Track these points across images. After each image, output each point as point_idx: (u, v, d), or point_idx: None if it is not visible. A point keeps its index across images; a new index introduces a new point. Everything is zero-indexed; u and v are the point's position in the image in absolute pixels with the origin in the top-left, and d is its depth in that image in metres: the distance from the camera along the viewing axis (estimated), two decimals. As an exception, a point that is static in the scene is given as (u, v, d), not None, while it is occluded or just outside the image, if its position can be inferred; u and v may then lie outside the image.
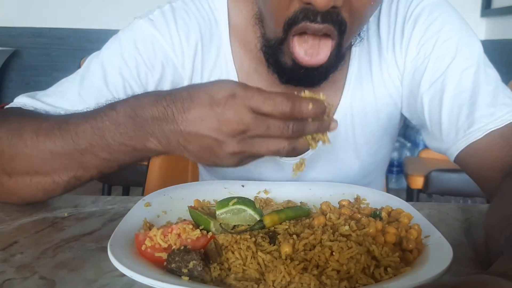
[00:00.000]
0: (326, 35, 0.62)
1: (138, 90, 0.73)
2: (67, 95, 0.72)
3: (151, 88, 0.75)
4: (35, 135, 0.61)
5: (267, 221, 0.53)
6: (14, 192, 0.65)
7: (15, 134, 0.62)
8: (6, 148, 0.62)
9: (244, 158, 0.53)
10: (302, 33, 0.62)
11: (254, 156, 0.53)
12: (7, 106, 0.72)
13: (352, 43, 0.72)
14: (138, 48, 0.74)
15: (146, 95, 0.56)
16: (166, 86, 0.76)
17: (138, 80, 0.74)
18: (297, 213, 0.57)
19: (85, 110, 0.61)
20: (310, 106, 0.50)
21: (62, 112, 0.67)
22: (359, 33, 0.70)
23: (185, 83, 0.77)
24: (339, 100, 0.76)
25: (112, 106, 0.57)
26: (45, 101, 0.71)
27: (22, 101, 0.71)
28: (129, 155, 0.58)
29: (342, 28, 0.61)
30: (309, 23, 0.60)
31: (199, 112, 0.51)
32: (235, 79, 0.76)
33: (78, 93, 0.72)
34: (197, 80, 0.77)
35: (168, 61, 0.75)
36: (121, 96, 0.70)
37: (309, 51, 0.63)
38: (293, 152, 0.52)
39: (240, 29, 0.76)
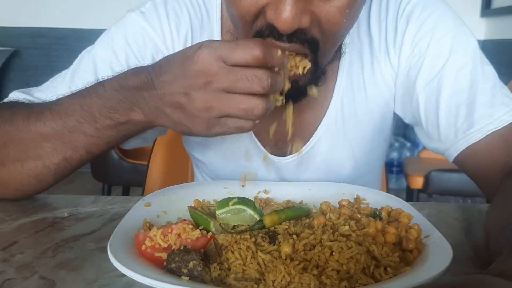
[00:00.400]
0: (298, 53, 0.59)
1: None
2: (58, 90, 0.73)
3: None
4: (27, 119, 0.63)
5: (267, 221, 0.53)
6: (7, 182, 0.66)
7: (7, 121, 0.65)
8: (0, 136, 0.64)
9: (213, 119, 0.52)
10: None
11: (224, 117, 0.52)
12: (1, 102, 0.73)
13: (333, 58, 0.69)
14: (128, 42, 0.75)
15: (132, 68, 0.59)
16: None
17: None
18: (297, 213, 0.57)
19: (78, 90, 0.63)
20: (280, 52, 0.50)
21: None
22: (340, 47, 0.69)
23: None
24: (329, 101, 0.76)
25: (100, 83, 0.61)
26: (37, 96, 0.73)
27: (15, 96, 0.73)
28: (115, 130, 0.60)
29: (314, 47, 0.58)
30: (275, 40, 0.57)
31: (172, 71, 0.52)
32: None
33: (68, 87, 0.73)
34: None
35: (158, 53, 0.76)
36: None
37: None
38: (265, 112, 0.51)
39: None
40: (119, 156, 2.04)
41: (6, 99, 0.73)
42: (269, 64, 0.50)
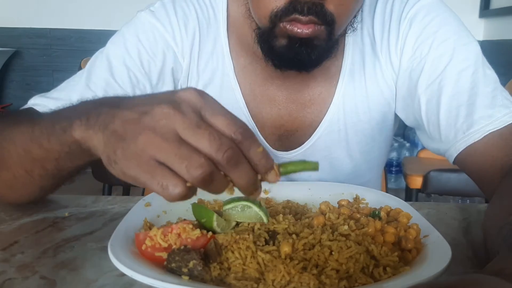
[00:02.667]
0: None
1: (142, 79, 0.76)
2: (76, 88, 0.74)
3: (154, 76, 0.77)
4: (11, 126, 0.61)
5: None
6: None
7: (4, 128, 0.63)
8: None
9: (148, 159, 0.40)
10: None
11: (155, 165, 0.40)
12: (21, 108, 0.73)
13: (346, 32, 0.74)
14: (140, 39, 0.77)
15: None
16: (168, 74, 0.79)
17: (141, 69, 0.76)
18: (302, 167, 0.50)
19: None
20: (261, 149, 0.42)
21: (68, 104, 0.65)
22: (352, 23, 0.72)
23: (183, 71, 0.79)
24: (332, 98, 0.77)
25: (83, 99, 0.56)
26: (54, 96, 0.74)
27: (33, 101, 0.74)
28: (61, 145, 0.53)
29: (328, 20, 0.63)
30: (297, 14, 0.62)
31: (149, 99, 0.44)
32: (231, 71, 0.78)
33: (86, 85, 0.74)
34: (193, 69, 0.79)
35: (168, 49, 0.77)
36: (127, 86, 0.75)
37: (301, 27, 0.64)
38: (205, 182, 0.41)
39: (238, 22, 0.78)
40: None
41: (25, 106, 0.74)
42: (244, 152, 0.42)
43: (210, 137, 0.40)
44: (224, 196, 0.59)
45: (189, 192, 0.41)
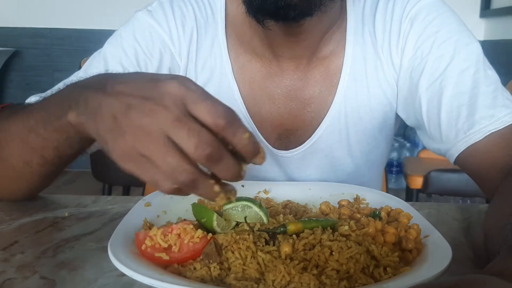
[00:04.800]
0: None
1: None
2: None
3: None
4: (6, 118, 0.61)
5: (291, 228, 0.50)
6: None
7: (0, 120, 0.63)
8: None
9: (135, 153, 0.41)
10: None
11: (144, 159, 0.41)
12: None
13: None
14: (136, 38, 0.77)
15: (107, 72, 0.53)
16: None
17: (137, 69, 0.76)
18: (322, 224, 0.52)
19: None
20: (247, 135, 0.41)
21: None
22: None
23: (181, 71, 0.79)
24: (333, 97, 0.77)
25: (69, 82, 0.56)
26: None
27: (29, 101, 0.73)
28: (58, 132, 0.54)
29: None
30: None
31: (130, 83, 0.45)
32: (229, 70, 0.77)
33: None
34: (191, 68, 0.79)
35: (165, 48, 0.78)
36: None
37: None
38: (190, 188, 0.41)
39: (237, 21, 0.78)
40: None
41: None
42: (228, 139, 0.41)
43: (188, 134, 0.39)
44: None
45: (180, 190, 0.41)
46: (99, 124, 0.44)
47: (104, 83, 0.46)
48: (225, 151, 0.41)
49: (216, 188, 0.41)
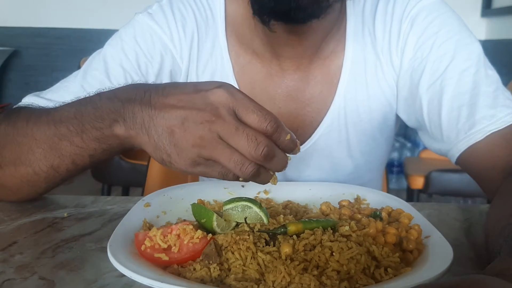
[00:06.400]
0: None
1: (139, 81, 0.75)
2: (70, 89, 0.74)
3: (151, 78, 0.77)
4: (26, 122, 0.63)
5: (291, 228, 0.50)
6: (3, 184, 0.66)
7: (10, 123, 0.65)
8: (1, 137, 0.64)
9: (199, 159, 0.49)
10: None
11: (211, 161, 0.50)
12: (15, 106, 0.73)
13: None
14: (137, 41, 0.77)
15: (136, 83, 0.58)
16: (166, 77, 0.79)
17: (138, 71, 0.76)
18: (323, 224, 0.53)
19: (81, 97, 0.62)
20: (289, 136, 0.49)
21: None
22: None
23: (182, 74, 0.79)
24: (333, 97, 0.77)
25: (99, 91, 0.59)
26: (49, 97, 0.73)
27: (28, 100, 0.73)
28: (98, 143, 0.58)
29: None
30: None
31: (177, 96, 0.50)
32: (230, 71, 0.78)
33: (80, 86, 0.74)
34: (193, 71, 0.79)
35: (166, 51, 0.77)
36: None
37: None
38: (254, 178, 0.50)
39: (237, 22, 0.78)
40: (119, 156, 2.04)
41: (19, 104, 0.73)
42: (274, 141, 0.49)
43: (248, 139, 0.47)
44: (224, 196, 0.59)
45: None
46: (156, 138, 0.50)
47: (148, 96, 0.51)
48: (277, 149, 0.49)
49: (271, 172, 0.52)
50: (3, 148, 0.64)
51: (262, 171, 0.50)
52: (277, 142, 0.49)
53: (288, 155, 0.52)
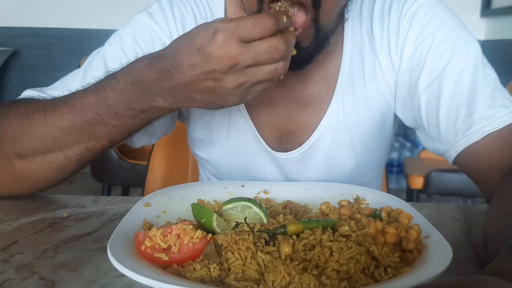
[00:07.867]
0: (300, 5, 0.62)
1: None
2: (70, 88, 0.74)
3: None
4: (43, 113, 0.65)
5: (291, 228, 0.50)
6: (27, 175, 0.67)
7: (23, 116, 0.66)
8: (17, 130, 0.66)
9: (245, 90, 0.56)
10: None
11: (254, 85, 0.56)
12: (15, 99, 0.74)
13: (336, 27, 0.71)
14: (137, 40, 0.77)
15: (140, 60, 0.61)
16: None
17: None
18: (322, 224, 0.53)
19: (86, 86, 0.65)
20: (285, 18, 0.54)
21: None
22: (343, 13, 0.70)
23: None
24: (332, 98, 0.76)
25: (111, 77, 0.62)
26: (50, 94, 0.74)
27: (28, 94, 0.74)
28: (138, 118, 0.63)
29: (316, 1, 0.62)
30: None
31: (190, 61, 0.55)
32: None
33: (81, 85, 0.74)
34: None
35: None
36: None
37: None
38: (286, 67, 0.56)
39: None
40: (119, 156, 2.04)
41: (19, 97, 0.74)
42: (278, 30, 0.54)
43: (267, 52, 0.53)
44: (224, 196, 0.59)
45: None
46: (200, 99, 0.57)
47: (167, 72, 0.56)
48: (286, 33, 0.55)
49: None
50: (22, 140, 0.65)
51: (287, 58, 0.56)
52: (282, 27, 0.54)
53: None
